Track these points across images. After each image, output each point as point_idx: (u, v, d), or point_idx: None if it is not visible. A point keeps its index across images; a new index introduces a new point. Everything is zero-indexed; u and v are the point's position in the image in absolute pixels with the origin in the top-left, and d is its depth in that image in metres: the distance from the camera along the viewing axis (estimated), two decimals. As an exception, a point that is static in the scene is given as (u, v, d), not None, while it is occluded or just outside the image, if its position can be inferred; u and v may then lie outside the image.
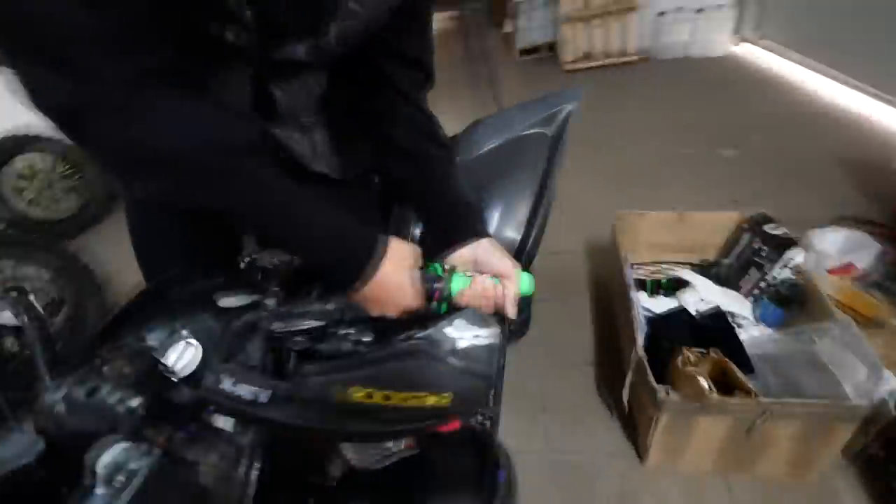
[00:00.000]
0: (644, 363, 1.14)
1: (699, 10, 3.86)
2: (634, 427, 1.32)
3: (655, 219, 1.63)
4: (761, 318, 1.36)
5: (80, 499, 0.42)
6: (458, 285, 0.59)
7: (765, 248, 1.42)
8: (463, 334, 0.47)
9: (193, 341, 0.58)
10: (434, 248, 0.62)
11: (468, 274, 0.60)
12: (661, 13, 4.00)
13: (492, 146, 1.16)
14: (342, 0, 0.51)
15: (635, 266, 1.68)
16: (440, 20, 7.47)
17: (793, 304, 1.34)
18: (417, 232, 1.15)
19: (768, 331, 1.33)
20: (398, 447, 0.91)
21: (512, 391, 1.50)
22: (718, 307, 1.33)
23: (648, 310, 1.46)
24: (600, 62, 4.21)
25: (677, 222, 1.61)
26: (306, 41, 0.53)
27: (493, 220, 1.11)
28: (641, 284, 1.58)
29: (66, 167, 2.55)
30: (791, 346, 1.24)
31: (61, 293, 1.71)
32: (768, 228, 1.44)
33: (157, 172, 0.46)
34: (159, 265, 0.76)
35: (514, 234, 1.11)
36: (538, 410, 1.46)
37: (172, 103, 0.44)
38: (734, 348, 1.16)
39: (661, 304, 1.46)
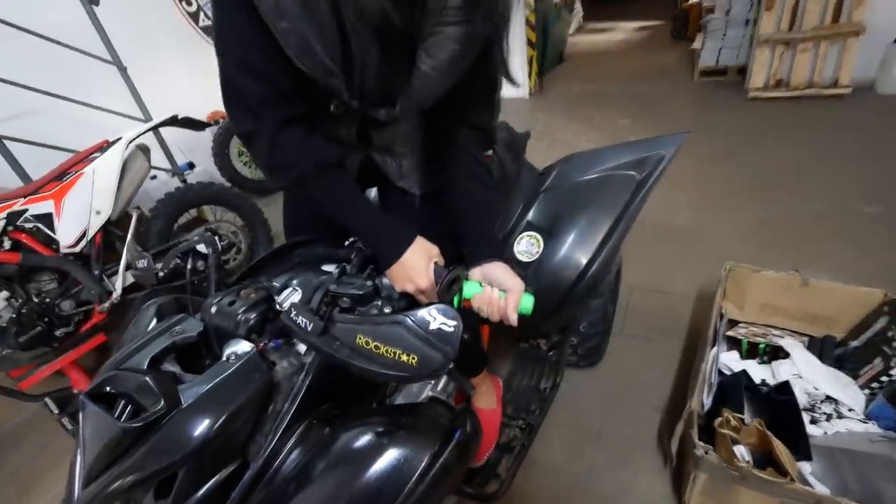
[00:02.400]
0: (694, 416, 1.12)
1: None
2: (681, 481, 1.28)
3: (771, 279, 1.48)
4: (872, 415, 1.18)
5: (212, 365, 0.70)
6: (471, 290, 0.75)
7: (901, 339, 1.21)
8: (434, 320, 0.64)
9: (298, 289, 0.87)
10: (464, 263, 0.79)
11: (483, 284, 0.76)
12: (899, 39, 3.32)
13: (582, 179, 1.26)
14: (412, 79, 0.71)
15: (742, 324, 1.57)
16: (625, 31, 7.20)
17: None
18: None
19: (875, 430, 1.15)
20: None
21: (568, 413, 1.57)
22: (787, 381, 1.19)
23: (731, 370, 1.37)
24: (798, 92, 3.68)
25: (800, 287, 1.44)
26: (386, 107, 0.75)
27: (567, 242, 1.23)
28: (737, 344, 1.48)
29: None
30: (892, 454, 1.07)
31: (244, 237, 2.32)
32: (913, 319, 1.23)
33: (284, 175, 0.76)
34: (295, 232, 1.07)
35: (583, 257, 1.20)
36: (590, 439, 1.49)
37: (299, 137, 0.74)
38: (793, 427, 1.05)
39: (751, 370, 1.35)
